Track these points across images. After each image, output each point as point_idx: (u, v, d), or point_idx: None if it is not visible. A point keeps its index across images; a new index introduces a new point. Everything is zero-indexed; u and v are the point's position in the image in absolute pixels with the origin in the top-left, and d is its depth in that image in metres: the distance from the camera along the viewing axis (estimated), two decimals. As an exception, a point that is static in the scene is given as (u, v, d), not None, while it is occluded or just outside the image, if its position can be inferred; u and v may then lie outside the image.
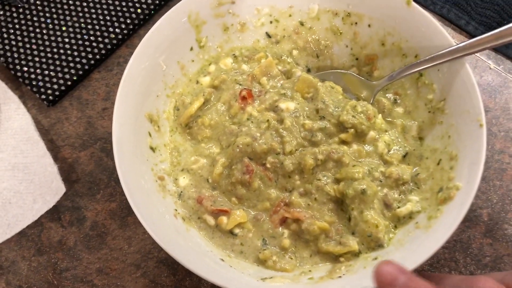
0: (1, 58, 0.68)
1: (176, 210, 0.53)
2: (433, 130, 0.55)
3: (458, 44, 0.52)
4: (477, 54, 0.67)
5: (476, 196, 0.59)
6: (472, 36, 0.68)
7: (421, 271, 0.56)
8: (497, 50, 0.67)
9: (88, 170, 0.63)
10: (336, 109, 0.56)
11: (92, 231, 0.60)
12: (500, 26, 0.55)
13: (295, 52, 0.63)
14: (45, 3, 0.71)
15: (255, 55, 0.62)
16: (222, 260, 0.50)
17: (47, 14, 0.71)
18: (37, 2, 0.71)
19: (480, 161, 0.47)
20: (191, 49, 0.60)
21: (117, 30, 0.69)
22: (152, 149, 0.55)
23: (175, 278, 0.57)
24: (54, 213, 0.60)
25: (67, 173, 0.63)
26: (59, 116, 0.66)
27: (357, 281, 0.46)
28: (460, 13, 0.68)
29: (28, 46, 0.69)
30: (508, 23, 0.58)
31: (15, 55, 0.68)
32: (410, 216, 0.51)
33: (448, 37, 0.53)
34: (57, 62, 0.68)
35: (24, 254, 0.59)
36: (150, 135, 0.55)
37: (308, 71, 0.64)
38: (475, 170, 0.47)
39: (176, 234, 0.50)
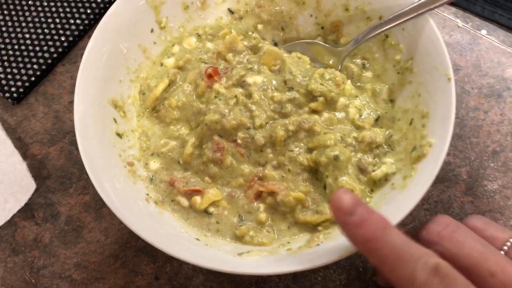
0: (-39, 60, 0.66)
1: (147, 194, 0.52)
2: (403, 91, 0.54)
3: (420, 0, 0.51)
4: (445, 14, 0.66)
5: (454, 155, 0.58)
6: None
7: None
8: (464, 8, 0.66)
9: (59, 165, 0.61)
10: (304, 78, 0.55)
11: (67, 226, 0.58)
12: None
13: (260, 27, 0.62)
14: (2, 0, 0.70)
15: (219, 32, 0.61)
16: (198, 239, 0.49)
17: (5, 12, 0.69)
18: (-6, 0, 0.70)
19: (451, 115, 0.46)
20: (152, 31, 0.59)
21: (78, 21, 0.68)
22: (119, 135, 0.54)
23: (155, 266, 0.55)
24: (27, 211, 0.59)
25: (38, 169, 0.61)
26: (26, 113, 0.64)
27: (336, 247, 0.45)
28: (424, -27, 0.67)
29: (-12, 45, 0.67)
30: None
31: (-25, 55, 0.66)
32: (385, 178, 0.50)
33: (410, -6, 0.52)
34: (19, 59, 0.66)
35: None
36: (115, 121, 0.54)
37: (275, 44, 0.62)
38: (446, 124, 0.46)
39: (150, 219, 0.49)
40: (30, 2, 0.69)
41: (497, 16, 0.65)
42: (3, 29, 0.68)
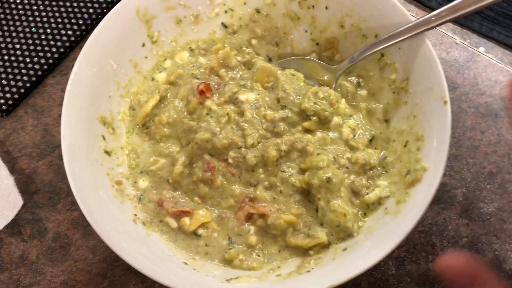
0: (-51, 70, 0.65)
1: (135, 215, 0.51)
2: (399, 111, 0.53)
3: (416, 20, 0.50)
4: (442, 30, 0.65)
5: (450, 176, 0.57)
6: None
7: (398, 258, 0.54)
8: (462, 24, 0.65)
9: (47, 180, 0.60)
10: (298, 97, 0.54)
11: (55, 242, 0.57)
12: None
13: (254, 42, 0.61)
14: (-7, 10, 0.69)
15: (213, 47, 0.60)
16: (186, 263, 0.48)
17: (-4, 21, 0.68)
18: (-15, 8, 0.69)
19: (446, 139, 0.45)
20: (143, 45, 0.58)
21: (69, 32, 0.67)
22: (107, 152, 0.53)
23: (144, 285, 0.54)
24: (13, 227, 0.58)
25: (26, 184, 0.60)
26: (14, 126, 0.63)
27: (326, 275, 0.44)
28: (422, -12, 0.66)
29: (-23, 55, 0.66)
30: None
31: (-36, 65, 0.65)
32: (379, 202, 0.49)
33: (406, 13, 0.51)
34: (9, 70, 0.65)
35: (-15, 272, 0.56)
36: (104, 138, 0.53)
37: (270, 60, 0.61)
38: (441, 149, 0.45)
39: (137, 241, 0.48)
40: (21, 12, 0.68)
41: (495, 34, 0.64)
42: (-7, 39, 0.67)
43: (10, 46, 0.66)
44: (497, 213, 0.56)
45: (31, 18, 0.68)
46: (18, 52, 0.66)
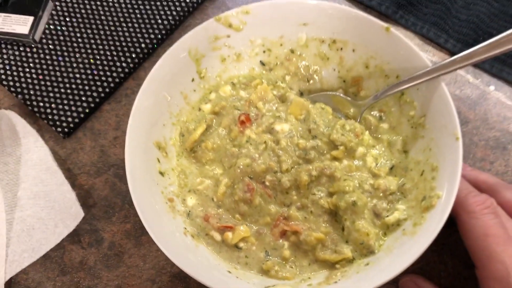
0: (19, 96, 0.74)
1: (185, 228, 0.58)
2: (416, 143, 0.60)
3: (433, 65, 0.57)
4: (456, 70, 0.72)
5: (461, 201, 0.64)
6: (451, 52, 0.73)
7: (411, 273, 0.61)
8: (475, 64, 0.72)
9: (103, 195, 0.68)
10: (327, 128, 0.61)
11: (110, 251, 0.65)
12: (476, 42, 0.60)
13: (287, 78, 0.69)
14: (56, 42, 0.78)
15: (252, 82, 0.68)
16: (229, 272, 0.55)
17: (59, 52, 0.77)
18: (49, 41, 0.78)
19: (457, 171, 0.52)
20: (193, 80, 0.66)
21: (123, 64, 0.75)
22: (161, 173, 0.61)
23: (188, 291, 0.62)
24: (74, 236, 0.66)
25: (85, 198, 0.68)
26: (74, 147, 0.72)
27: (351, 285, 0.51)
28: (438, 32, 0.74)
29: (42, 83, 0.75)
30: (483, 39, 0.63)
31: (31, 91, 0.74)
32: (397, 223, 0.56)
33: (424, 59, 0.58)
34: (70, 97, 0.73)
35: (49, 275, 0.64)
36: (159, 161, 0.61)
37: (301, 94, 0.69)
38: (453, 179, 0.52)
39: (187, 250, 0.56)
40: (81, 45, 0.77)
41: (505, 74, 0.71)
42: (57, 68, 0.76)
43: (71, 75, 0.75)
44: (504, 236, 0.62)
45: (89, 51, 0.77)
46: (79, 81, 0.74)
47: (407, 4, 0.76)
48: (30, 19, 0.77)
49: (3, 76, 0.75)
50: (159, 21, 0.77)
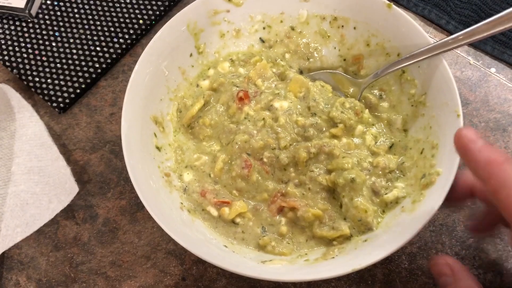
0: (14, 70, 0.73)
1: (182, 203, 0.58)
2: (416, 122, 0.60)
3: (435, 42, 0.56)
4: (457, 51, 0.72)
5: (460, 182, 0.64)
6: (452, 34, 0.72)
7: (410, 253, 0.60)
8: (476, 46, 0.72)
9: (98, 171, 0.67)
10: (326, 106, 0.61)
11: (104, 227, 0.64)
12: (478, 24, 0.60)
13: (287, 56, 0.68)
14: (53, 17, 0.76)
15: (251, 59, 0.67)
16: (226, 246, 0.55)
17: (55, 28, 0.76)
18: (46, 16, 0.76)
19: (458, 148, 0.51)
20: (191, 55, 0.65)
21: (121, 40, 0.74)
22: (158, 148, 0.60)
23: (183, 267, 0.61)
24: (68, 212, 0.65)
25: (79, 174, 0.67)
26: (70, 122, 0.71)
27: (348, 260, 0.50)
28: (440, 13, 0.73)
29: (38, 58, 0.74)
30: (485, 21, 0.63)
31: (27, 66, 0.73)
32: (396, 201, 0.56)
33: (426, 36, 0.58)
34: (66, 72, 0.72)
35: (42, 250, 0.63)
36: (155, 135, 0.60)
37: (301, 72, 0.68)
38: (453, 157, 0.51)
39: (183, 225, 0.55)
40: (78, 21, 0.76)
41: (506, 56, 0.70)
42: (53, 44, 0.74)
43: (67, 51, 0.74)
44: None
45: (87, 26, 0.75)
46: (75, 57, 0.73)
47: (409, -15, 0.75)
48: (26, -8, 0.76)
49: (-2, 50, 0.74)
50: (158, -3, 0.76)
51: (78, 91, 0.71)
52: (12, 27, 0.76)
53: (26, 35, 0.75)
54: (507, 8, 0.50)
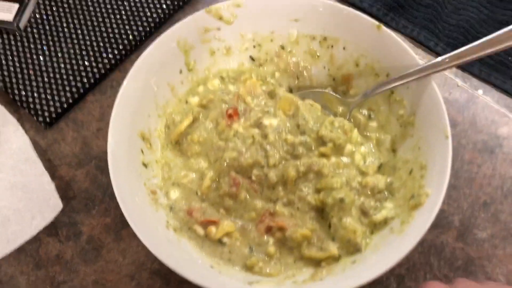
0: (0, 83, 0.71)
1: (168, 222, 0.57)
2: (405, 142, 0.60)
3: (424, 64, 0.57)
4: (446, 73, 0.72)
5: (448, 204, 0.64)
6: (440, 56, 0.73)
7: (399, 275, 0.60)
8: (464, 68, 0.72)
9: (84, 187, 0.66)
10: (316, 124, 0.61)
11: (88, 244, 0.63)
12: (465, 46, 0.61)
13: (277, 74, 0.68)
14: (42, 31, 0.76)
15: (241, 77, 0.67)
16: (212, 267, 0.54)
17: (44, 41, 0.75)
18: (34, 30, 0.76)
19: (447, 169, 0.51)
20: (181, 71, 0.64)
21: (110, 55, 0.74)
22: (145, 165, 0.59)
23: (168, 288, 0.60)
24: (51, 229, 0.64)
25: (64, 190, 0.66)
26: (56, 137, 0.70)
27: (337, 282, 0.49)
28: (429, 35, 0.74)
29: (25, 71, 0.73)
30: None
31: (13, 80, 0.72)
32: (385, 222, 0.55)
33: (415, 58, 0.58)
34: (54, 86, 0.71)
35: (23, 269, 0.62)
36: (142, 152, 0.59)
37: (290, 91, 0.68)
38: (442, 177, 0.51)
39: (169, 244, 0.54)
40: (67, 35, 0.75)
41: (493, 78, 0.71)
42: (41, 57, 0.74)
43: (55, 65, 0.73)
44: (490, 239, 0.61)
45: (75, 41, 0.75)
46: (63, 71, 0.73)
47: (398, 6, 0.76)
48: (15, 6, 0.75)
49: (-16, 63, 0.73)
50: (148, 13, 0.76)
51: (65, 105, 0.70)
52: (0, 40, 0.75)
53: (14, 48, 0.75)
54: (494, 32, 0.51)
